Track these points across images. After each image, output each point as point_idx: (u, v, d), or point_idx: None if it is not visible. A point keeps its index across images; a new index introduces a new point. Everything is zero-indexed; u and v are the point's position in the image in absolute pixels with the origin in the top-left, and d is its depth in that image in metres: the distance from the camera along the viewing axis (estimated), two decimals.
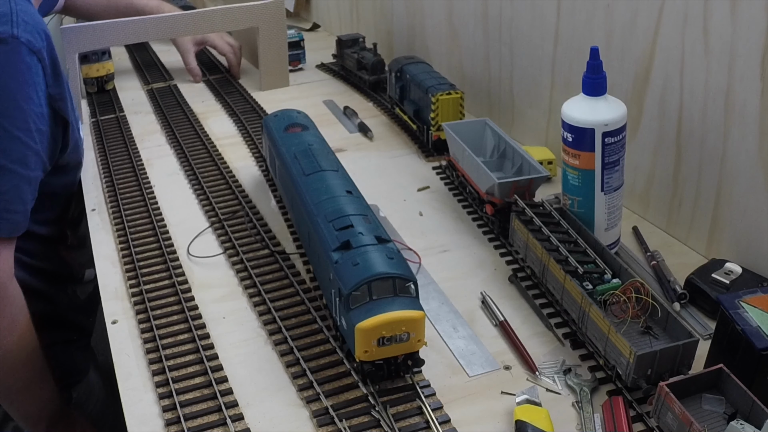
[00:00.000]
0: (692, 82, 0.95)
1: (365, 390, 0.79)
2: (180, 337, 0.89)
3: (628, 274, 0.85)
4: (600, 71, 0.91)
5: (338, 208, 0.87)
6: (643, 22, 1.00)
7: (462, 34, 1.46)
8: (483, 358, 0.85)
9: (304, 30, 2.10)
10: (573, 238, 0.92)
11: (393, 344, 0.75)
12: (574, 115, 0.92)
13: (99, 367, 1.41)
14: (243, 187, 1.23)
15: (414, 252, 1.04)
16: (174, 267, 1.02)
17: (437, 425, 0.74)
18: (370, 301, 0.75)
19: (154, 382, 0.82)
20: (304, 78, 1.76)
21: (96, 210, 1.19)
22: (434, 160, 1.31)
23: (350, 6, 1.96)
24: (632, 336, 0.78)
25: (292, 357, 0.85)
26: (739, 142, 0.91)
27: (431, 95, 1.26)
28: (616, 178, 0.95)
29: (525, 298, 0.94)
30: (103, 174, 1.30)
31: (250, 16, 1.60)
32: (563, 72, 1.19)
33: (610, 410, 0.74)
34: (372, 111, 1.54)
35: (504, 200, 1.03)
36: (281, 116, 1.19)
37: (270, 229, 1.10)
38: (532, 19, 1.23)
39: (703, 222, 0.99)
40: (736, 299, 0.76)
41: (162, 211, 1.17)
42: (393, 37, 1.75)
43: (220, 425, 0.76)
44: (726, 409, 0.70)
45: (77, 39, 1.48)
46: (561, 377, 0.81)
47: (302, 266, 1.01)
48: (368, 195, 0.97)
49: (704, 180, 0.98)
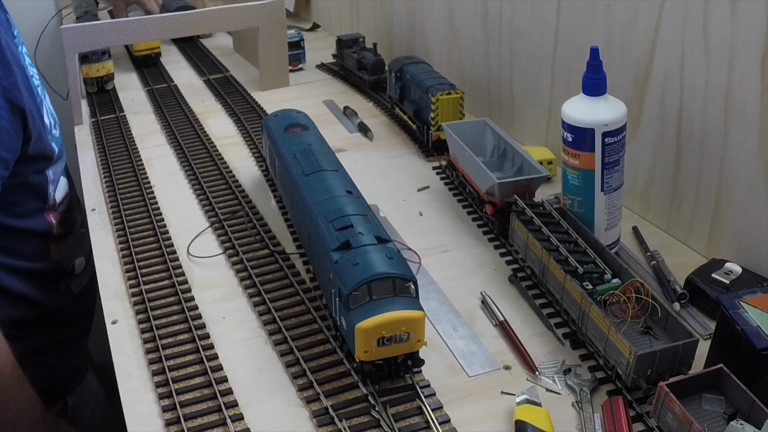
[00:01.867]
0: (692, 82, 0.95)
1: (365, 390, 0.79)
2: (180, 337, 0.89)
3: (628, 274, 0.85)
4: (600, 71, 0.91)
5: (338, 208, 0.87)
6: (643, 22, 1.00)
7: (462, 34, 1.46)
8: (483, 358, 0.85)
9: (304, 30, 2.11)
10: (573, 238, 0.92)
11: (393, 344, 0.75)
12: (574, 115, 0.92)
13: (96, 370, 1.37)
14: (243, 187, 1.23)
15: (414, 252, 1.04)
16: (174, 267, 1.02)
17: (437, 425, 0.74)
18: (370, 301, 0.75)
19: (154, 382, 0.82)
20: (304, 78, 1.76)
21: (96, 210, 1.19)
22: (434, 160, 1.31)
23: (350, 6, 1.96)
24: (632, 336, 0.78)
25: (292, 357, 0.85)
26: (739, 142, 0.91)
27: (431, 95, 1.26)
28: (616, 178, 0.95)
29: (525, 298, 0.94)
30: (103, 174, 1.30)
31: (250, 16, 1.60)
32: (563, 72, 1.19)
33: (610, 410, 0.74)
34: (372, 111, 1.54)
35: (504, 200, 1.03)
36: (281, 116, 1.19)
37: (270, 229, 1.10)
38: (532, 19, 1.23)
39: (703, 222, 0.99)
40: (736, 299, 0.76)
41: (162, 211, 1.17)
42: (393, 37, 1.75)
43: (220, 425, 0.76)
44: (726, 409, 0.70)
45: (77, 39, 1.48)
46: (561, 377, 0.81)
47: (302, 266, 1.01)
48: (368, 195, 0.97)
49: (704, 180, 0.98)
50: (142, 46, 1.85)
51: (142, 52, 1.87)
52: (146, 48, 1.87)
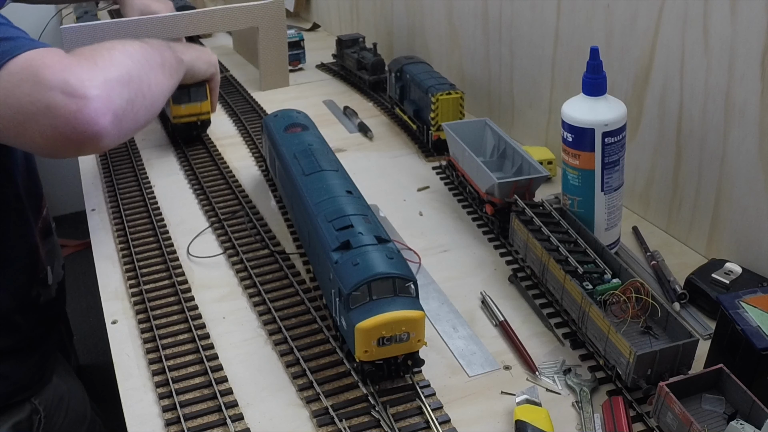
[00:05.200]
0: (692, 82, 0.95)
1: (365, 390, 0.79)
2: (180, 337, 0.89)
3: (628, 274, 0.85)
4: (600, 71, 0.91)
5: (338, 208, 0.87)
6: (643, 22, 1.00)
7: (462, 34, 1.46)
8: (483, 358, 0.85)
9: (304, 30, 2.10)
10: (573, 238, 0.92)
11: (393, 344, 0.75)
12: (574, 115, 0.92)
13: (72, 372, 1.31)
14: (243, 187, 1.23)
15: (414, 252, 1.04)
16: (174, 267, 1.02)
17: (437, 425, 0.74)
18: (370, 301, 0.75)
19: (154, 382, 0.82)
20: (304, 78, 1.76)
21: (96, 210, 1.19)
22: (434, 160, 1.31)
23: (350, 6, 1.96)
24: (632, 336, 0.78)
25: (292, 357, 0.85)
26: (739, 142, 0.91)
27: (431, 95, 1.26)
28: (616, 178, 0.95)
29: (525, 298, 0.94)
30: (103, 174, 1.30)
31: (250, 16, 1.60)
32: (563, 72, 1.19)
33: (610, 410, 0.74)
34: (372, 111, 1.54)
35: (504, 200, 1.03)
36: (281, 116, 1.19)
37: (270, 229, 1.10)
38: (532, 19, 1.23)
39: (703, 222, 0.99)
40: (736, 299, 0.76)
41: (162, 211, 1.17)
42: (393, 37, 1.75)
43: (220, 425, 0.76)
44: (726, 409, 0.70)
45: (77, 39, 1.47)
46: (561, 377, 0.81)
47: (302, 266, 1.01)
48: (368, 195, 0.97)
49: (704, 180, 0.98)
50: (183, 111, 1.33)
51: (183, 119, 1.35)
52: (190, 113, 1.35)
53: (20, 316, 1.15)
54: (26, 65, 0.84)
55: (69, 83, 0.84)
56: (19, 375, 1.15)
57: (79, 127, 0.84)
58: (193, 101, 1.31)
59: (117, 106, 0.89)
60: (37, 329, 1.20)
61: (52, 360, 1.25)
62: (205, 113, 1.34)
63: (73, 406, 1.26)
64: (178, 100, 1.30)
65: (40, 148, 0.89)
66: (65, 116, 0.84)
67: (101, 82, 0.87)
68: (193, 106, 1.32)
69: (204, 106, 1.32)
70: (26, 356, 1.17)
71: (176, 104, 1.31)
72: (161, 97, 1.04)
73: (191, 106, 1.32)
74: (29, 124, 0.84)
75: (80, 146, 0.87)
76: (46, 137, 0.85)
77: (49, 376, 1.21)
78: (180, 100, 1.30)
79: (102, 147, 0.89)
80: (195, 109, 1.32)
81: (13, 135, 0.87)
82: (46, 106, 0.83)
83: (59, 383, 1.23)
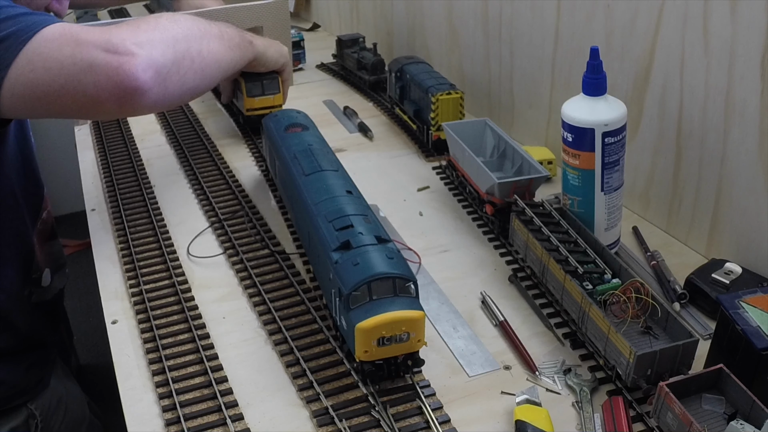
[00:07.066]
0: (692, 82, 0.95)
1: (365, 390, 0.79)
2: (180, 337, 0.89)
3: (628, 274, 0.85)
4: (600, 71, 0.91)
5: (338, 208, 0.87)
6: (643, 22, 1.00)
7: (462, 34, 1.46)
8: (483, 358, 0.85)
9: (304, 30, 2.11)
10: (573, 238, 0.92)
11: (393, 344, 0.75)
12: (574, 115, 0.92)
13: (70, 374, 1.31)
14: (243, 187, 1.23)
15: (414, 252, 1.04)
16: (174, 267, 1.02)
17: (437, 425, 0.74)
18: (370, 301, 0.75)
19: (154, 382, 0.82)
20: (304, 78, 1.76)
21: (96, 210, 1.19)
22: (434, 160, 1.31)
23: (350, 6, 1.96)
24: (632, 336, 0.78)
25: (292, 357, 0.85)
26: (739, 142, 0.91)
27: (431, 95, 1.26)
28: (616, 178, 0.95)
29: (525, 298, 0.94)
30: (103, 174, 1.30)
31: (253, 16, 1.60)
32: (563, 72, 1.19)
33: (610, 410, 0.74)
34: (372, 111, 1.54)
35: (504, 200, 1.03)
36: (281, 116, 1.19)
37: (270, 229, 1.10)
38: (532, 19, 1.23)
39: (703, 222, 1.00)
40: (736, 299, 0.76)
41: (162, 211, 1.17)
42: (393, 37, 1.75)
43: (220, 425, 0.76)
44: (726, 409, 0.70)
45: None
46: (561, 377, 0.81)
47: (302, 266, 1.01)
48: (368, 195, 0.97)
49: (704, 180, 0.98)
50: (257, 103, 1.34)
51: (257, 112, 1.35)
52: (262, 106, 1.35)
53: (16, 316, 1.14)
54: (64, 31, 0.87)
55: (111, 41, 0.87)
56: (15, 379, 1.14)
57: (121, 82, 0.86)
58: (266, 94, 1.33)
59: (160, 64, 0.90)
60: (34, 331, 1.19)
61: (50, 363, 1.24)
62: (278, 106, 1.34)
63: (72, 409, 1.25)
64: (251, 93, 1.32)
65: (81, 109, 0.90)
66: (107, 72, 0.86)
67: (143, 40, 0.89)
68: (266, 99, 1.33)
69: (277, 98, 1.33)
70: (22, 359, 1.16)
71: (250, 97, 1.32)
72: (215, 65, 1.04)
73: (264, 99, 1.33)
74: (71, 86, 0.86)
75: (122, 102, 0.88)
76: (88, 96, 0.87)
77: (47, 380, 1.21)
78: (253, 93, 1.32)
79: (145, 104, 0.90)
80: (268, 101, 1.33)
81: (53, 99, 0.87)
82: (89, 65, 0.85)
83: (57, 385, 1.23)
